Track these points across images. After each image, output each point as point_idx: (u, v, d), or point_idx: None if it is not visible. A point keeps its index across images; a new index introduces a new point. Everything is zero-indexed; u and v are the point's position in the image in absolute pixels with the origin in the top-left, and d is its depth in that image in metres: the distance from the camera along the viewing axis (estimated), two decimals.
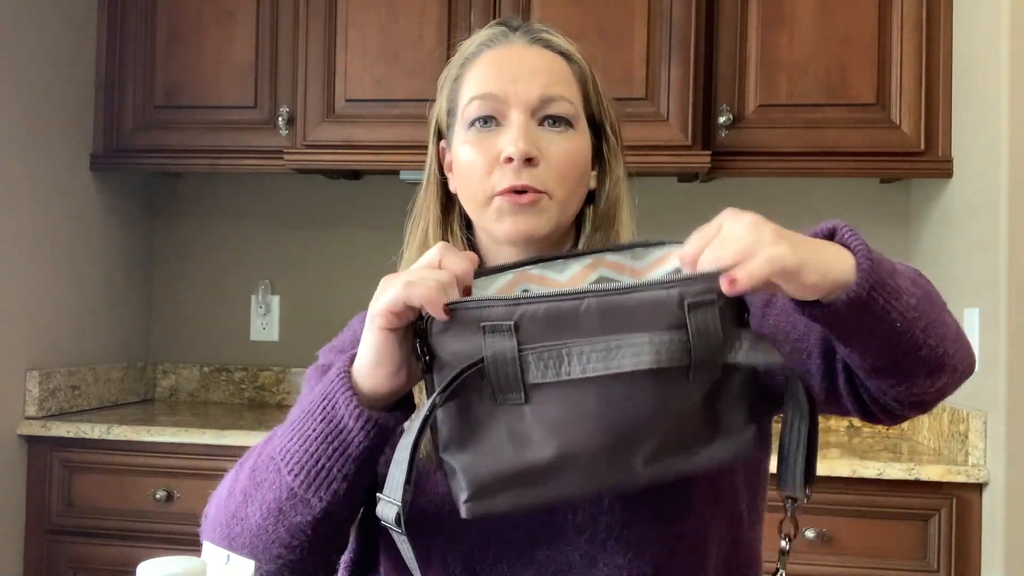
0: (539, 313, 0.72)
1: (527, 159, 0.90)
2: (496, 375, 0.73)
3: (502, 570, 0.88)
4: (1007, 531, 1.82)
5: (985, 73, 1.95)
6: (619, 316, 0.71)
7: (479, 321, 0.72)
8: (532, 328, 0.72)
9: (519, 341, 0.72)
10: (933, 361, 0.80)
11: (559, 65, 0.96)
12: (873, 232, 2.44)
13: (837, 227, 0.80)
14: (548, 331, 0.72)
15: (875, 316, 0.75)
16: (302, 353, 2.69)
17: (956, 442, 1.98)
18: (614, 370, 0.71)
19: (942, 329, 0.81)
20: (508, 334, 0.72)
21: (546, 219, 0.92)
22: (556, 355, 0.72)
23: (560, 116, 0.94)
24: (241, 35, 2.37)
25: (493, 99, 0.93)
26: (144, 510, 2.16)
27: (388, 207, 2.62)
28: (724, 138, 2.17)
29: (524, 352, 0.72)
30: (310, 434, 0.80)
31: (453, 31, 2.20)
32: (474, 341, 0.72)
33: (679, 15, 2.13)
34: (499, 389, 0.73)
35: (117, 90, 2.43)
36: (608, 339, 0.71)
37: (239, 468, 0.88)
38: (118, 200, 2.59)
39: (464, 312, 0.73)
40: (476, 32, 1.02)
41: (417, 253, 1.00)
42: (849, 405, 0.89)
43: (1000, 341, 1.85)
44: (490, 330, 0.72)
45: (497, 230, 0.93)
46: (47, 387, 2.27)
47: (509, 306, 0.72)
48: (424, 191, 1.02)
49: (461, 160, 0.95)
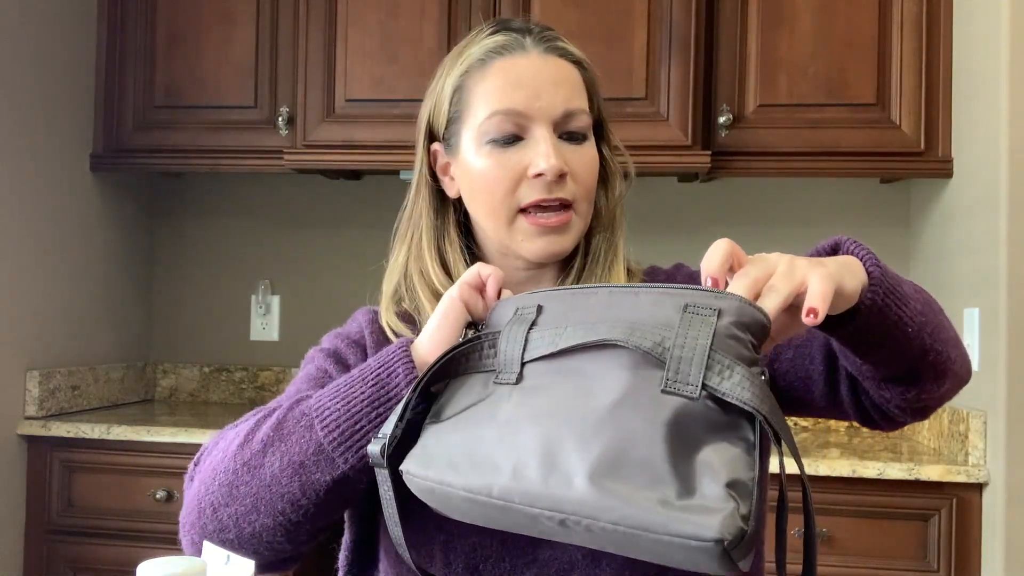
0: (557, 295, 0.77)
1: (560, 175, 0.92)
2: (505, 346, 0.77)
3: (504, 568, 0.87)
4: (1007, 531, 1.82)
5: (985, 73, 1.95)
6: (621, 306, 0.73)
7: (516, 306, 0.79)
8: (550, 311, 0.77)
9: (535, 323, 0.76)
10: (939, 366, 0.81)
11: (576, 77, 0.97)
12: (873, 232, 2.45)
13: (840, 241, 0.81)
14: (560, 315, 0.76)
15: (891, 322, 0.76)
16: (302, 353, 2.67)
17: (956, 442, 1.98)
18: (591, 338, 0.71)
19: (944, 334, 0.82)
20: (530, 312, 0.77)
21: (573, 237, 0.95)
22: (555, 332, 0.74)
23: (579, 131, 0.95)
24: (241, 35, 2.37)
25: (517, 115, 0.93)
26: (144, 510, 2.16)
27: (388, 207, 2.60)
28: (724, 138, 2.17)
29: (533, 329, 0.76)
30: (357, 396, 0.81)
31: (453, 31, 2.21)
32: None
33: (679, 15, 2.13)
34: (501, 367, 0.76)
35: (117, 90, 2.43)
36: (600, 324, 0.72)
37: (252, 425, 0.85)
38: (118, 200, 2.59)
39: (512, 301, 0.81)
40: (476, 32, 0.99)
41: (404, 257, 1.00)
42: (851, 411, 0.89)
43: (1000, 341, 1.85)
44: (519, 312, 0.78)
45: (525, 250, 0.95)
46: (47, 387, 2.27)
47: (544, 293, 0.79)
48: (415, 195, 1.02)
49: (480, 176, 0.94)
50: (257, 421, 0.85)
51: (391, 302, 1.00)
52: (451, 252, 1.00)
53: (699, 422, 0.65)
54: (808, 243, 0.85)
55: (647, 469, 0.63)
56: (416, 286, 0.99)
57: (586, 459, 0.65)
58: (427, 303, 0.97)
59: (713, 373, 0.65)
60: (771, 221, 2.48)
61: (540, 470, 0.67)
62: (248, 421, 0.87)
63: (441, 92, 0.99)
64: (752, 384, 0.65)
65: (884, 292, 0.75)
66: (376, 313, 1.02)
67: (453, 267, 0.99)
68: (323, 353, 0.99)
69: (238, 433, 0.86)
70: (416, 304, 0.98)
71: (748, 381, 0.65)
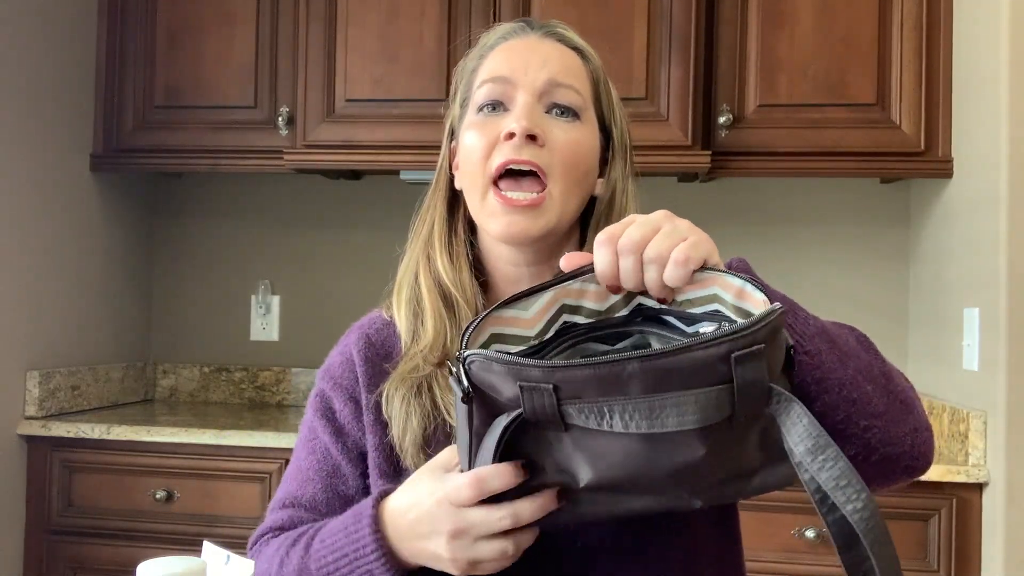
0: (579, 378, 0.68)
1: (530, 136, 0.89)
2: (535, 420, 0.70)
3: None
4: (1007, 531, 1.82)
5: (985, 73, 1.95)
6: (664, 377, 0.67)
7: (516, 379, 0.69)
8: (571, 388, 0.68)
9: (559, 399, 0.68)
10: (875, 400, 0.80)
11: (571, 58, 0.96)
12: (873, 232, 2.45)
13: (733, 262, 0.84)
14: (590, 391, 0.68)
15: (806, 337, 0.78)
16: (302, 353, 2.69)
17: (956, 442, 1.98)
18: (658, 429, 0.67)
19: (866, 368, 0.81)
20: (548, 393, 0.68)
21: (543, 222, 0.91)
22: (598, 410, 0.68)
23: (568, 106, 0.93)
24: (241, 35, 2.37)
25: (503, 81, 0.93)
26: (144, 510, 2.16)
27: (388, 207, 2.63)
28: (724, 138, 2.17)
29: (564, 406, 0.69)
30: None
31: (453, 31, 2.21)
32: (513, 385, 0.70)
33: (679, 15, 2.13)
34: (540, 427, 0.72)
35: (117, 90, 2.43)
36: (651, 398, 0.67)
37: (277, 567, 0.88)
38: (118, 200, 2.59)
39: (502, 367, 0.69)
40: (498, 24, 1.02)
41: (416, 248, 0.99)
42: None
43: (1000, 341, 1.85)
44: (528, 389, 0.69)
45: (491, 228, 0.92)
46: (47, 387, 2.27)
47: (547, 370, 0.68)
48: (433, 189, 1.02)
49: (464, 145, 0.94)
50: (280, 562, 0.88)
51: (403, 293, 1.00)
52: (456, 245, 0.99)
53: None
54: (808, 243, 0.86)
55: None
56: (420, 277, 0.98)
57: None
58: (427, 293, 0.96)
59: (773, 403, 0.68)
60: (771, 221, 2.48)
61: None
62: (275, 552, 0.90)
63: (459, 81, 1.01)
64: (799, 421, 0.67)
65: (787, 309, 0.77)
66: (371, 325, 1.01)
67: (456, 261, 0.98)
68: (313, 406, 1.00)
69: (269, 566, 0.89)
70: (418, 294, 0.98)
71: (795, 416, 0.67)
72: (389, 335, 0.99)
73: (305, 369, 2.63)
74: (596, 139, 0.96)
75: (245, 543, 0.98)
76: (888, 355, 0.88)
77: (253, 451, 2.11)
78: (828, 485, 0.63)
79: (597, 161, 0.97)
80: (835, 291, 2.45)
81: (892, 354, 2.39)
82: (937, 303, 2.20)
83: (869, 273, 2.46)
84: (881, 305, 2.44)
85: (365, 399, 0.95)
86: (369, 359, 0.97)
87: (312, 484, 0.96)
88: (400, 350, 0.96)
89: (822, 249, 2.46)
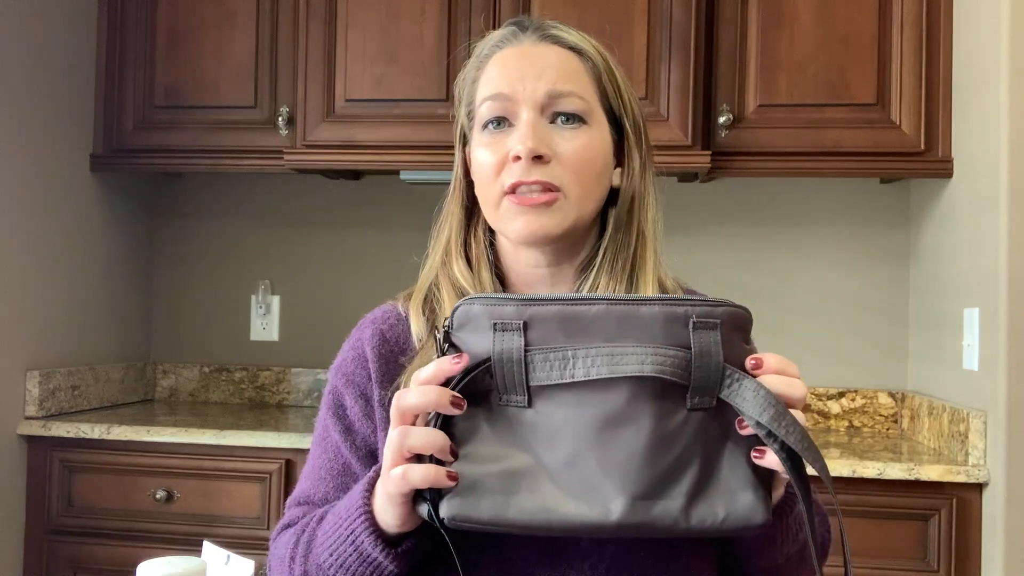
0: (549, 314, 0.74)
1: (536, 156, 0.91)
2: (502, 373, 0.74)
3: None
4: (1007, 531, 1.82)
5: (985, 73, 1.95)
6: (627, 325, 0.73)
7: (491, 319, 0.74)
8: (541, 329, 0.74)
9: (527, 341, 0.74)
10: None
11: (569, 61, 0.96)
12: (873, 232, 2.45)
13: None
14: (557, 333, 0.74)
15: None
16: (302, 353, 2.69)
17: (956, 442, 1.98)
18: (618, 374, 0.71)
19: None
20: (517, 333, 0.73)
21: (560, 219, 0.92)
22: (562, 357, 0.73)
23: (571, 113, 0.93)
24: (241, 35, 2.37)
25: (503, 99, 0.94)
26: (144, 510, 2.16)
27: (388, 207, 2.63)
28: (724, 138, 2.17)
29: (531, 352, 0.73)
30: (346, 560, 0.83)
31: (453, 31, 2.21)
32: (487, 338, 0.75)
33: (679, 15, 2.13)
34: (503, 389, 0.74)
35: (117, 90, 2.43)
36: (614, 346, 0.72)
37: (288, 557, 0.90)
38: (118, 200, 2.59)
39: (481, 307, 0.75)
40: (491, 32, 1.02)
41: (436, 253, 1.01)
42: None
43: (1000, 341, 1.85)
44: (500, 328, 0.74)
45: (509, 231, 0.93)
46: (47, 387, 2.27)
47: (520, 305, 0.74)
48: (450, 196, 1.03)
49: (476, 161, 0.96)
50: (290, 556, 0.90)
51: (421, 295, 1.00)
52: (475, 248, 1.00)
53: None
54: (808, 243, 0.86)
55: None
56: (440, 281, 0.99)
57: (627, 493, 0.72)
58: (447, 297, 0.97)
59: (725, 387, 0.73)
60: (771, 221, 2.48)
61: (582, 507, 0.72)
62: (285, 543, 0.92)
63: (461, 92, 1.02)
64: (756, 395, 0.72)
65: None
66: (385, 319, 1.01)
67: (476, 263, 0.99)
68: (326, 404, 1.00)
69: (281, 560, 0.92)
70: (438, 297, 0.99)
71: (751, 392, 0.72)
72: (404, 330, 0.99)
73: (305, 369, 2.63)
74: (607, 136, 0.97)
75: (245, 543, 0.99)
76: (888, 355, 0.89)
77: (253, 451, 2.11)
78: (797, 447, 0.71)
79: (611, 156, 0.97)
80: (835, 291, 2.45)
81: (892, 354, 2.40)
82: (937, 303, 2.20)
83: (869, 273, 2.46)
84: (881, 305, 2.44)
85: (378, 395, 0.95)
86: (383, 355, 0.97)
87: (324, 483, 0.97)
88: (414, 345, 0.97)
89: (822, 249, 2.46)
